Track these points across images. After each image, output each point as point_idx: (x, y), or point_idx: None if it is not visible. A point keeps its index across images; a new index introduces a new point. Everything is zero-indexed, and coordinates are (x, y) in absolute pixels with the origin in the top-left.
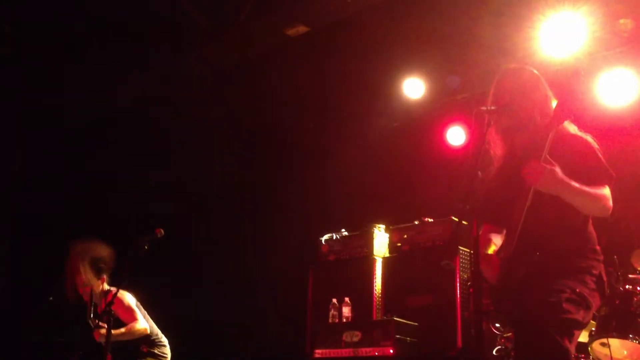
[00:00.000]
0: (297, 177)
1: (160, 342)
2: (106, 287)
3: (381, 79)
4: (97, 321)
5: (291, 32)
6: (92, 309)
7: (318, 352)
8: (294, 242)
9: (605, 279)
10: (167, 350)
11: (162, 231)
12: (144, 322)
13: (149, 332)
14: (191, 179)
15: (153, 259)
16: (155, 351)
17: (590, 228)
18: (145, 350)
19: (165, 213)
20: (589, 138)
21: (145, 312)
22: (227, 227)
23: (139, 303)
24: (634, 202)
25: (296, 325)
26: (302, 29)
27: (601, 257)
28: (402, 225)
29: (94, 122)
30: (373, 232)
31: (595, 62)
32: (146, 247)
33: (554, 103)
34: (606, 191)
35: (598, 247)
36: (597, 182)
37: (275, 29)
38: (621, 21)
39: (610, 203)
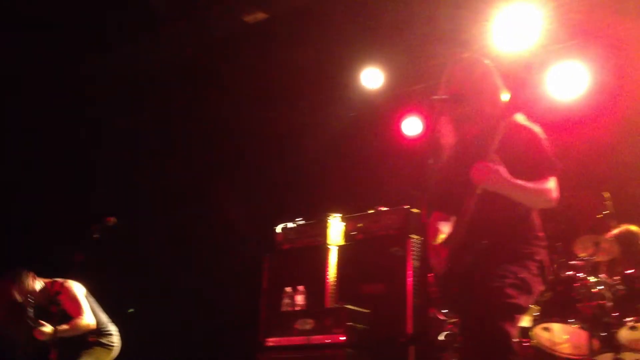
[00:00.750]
0: (253, 166)
1: (108, 331)
2: (41, 282)
3: (340, 69)
4: (37, 320)
5: (249, 18)
6: (31, 309)
7: (270, 341)
8: (250, 230)
9: (547, 265)
10: (116, 340)
11: (114, 219)
12: (89, 317)
13: (94, 326)
14: (144, 167)
15: (105, 248)
16: (103, 341)
17: (535, 215)
18: (92, 340)
19: (115, 203)
20: (536, 129)
21: (94, 302)
22: (181, 217)
23: (88, 293)
24: (579, 192)
25: (250, 314)
26: (260, 15)
27: (544, 244)
28: (357, 214)
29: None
30: (328, 221)
31: (548, 55)
32: (97, 236)
33: (504, 94)
34: (551, 184)
35: (541, 234)
36: (543, 174)
37: (233, 15)
38: None
39: (554, 195)
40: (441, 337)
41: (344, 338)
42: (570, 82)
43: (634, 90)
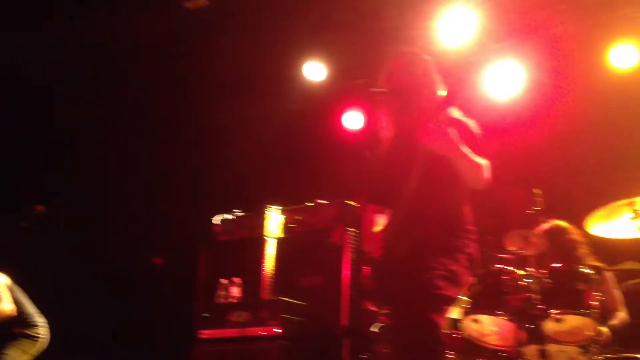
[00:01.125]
0: (192, 156)
1: (34, 323)
2: None
3: (282, 61)
4: None
5: (190, 4)
6: None
7: (204, 333)
8: (187, 222)
9: (476, 258)
10: (42, 332)
11: (42, 208)
12: (8, 305)
13: (12, 313)
14: (78, 155)
15: (34, 237)
16: (29, 332)
17: (466, 209)
18: (17, 331)
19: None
20: (470, 124)
21: (21, 292)
22: (117, 206)
23: (12, 283)
24: (512, 189)
25: (186, 307)
26: (202, 2)
27: (474, 237)
28: (296, 207)
29: None
30: (267, 213)
31: (486, 54)
32: (24, 225)
33: (442, 90)
34: (485, 161)
35: (472, 228)
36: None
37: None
38: None
39: (488, 174)
40: (374, 329)
41: (279, 330)
42: (506, 81)
43: (567, 90)
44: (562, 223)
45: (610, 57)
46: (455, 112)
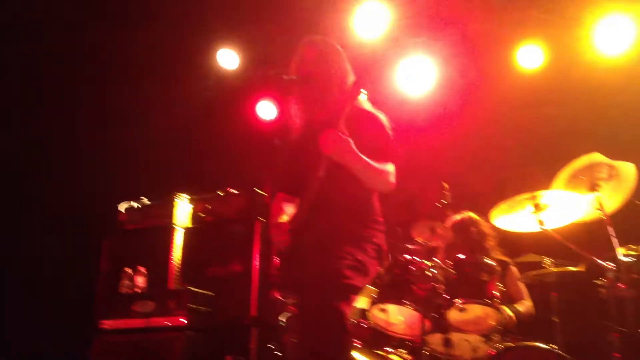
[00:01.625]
0: (99, 142)
1: None
2: None
3: (196, 48)
4: None
5: None
6: None
7: (106, 323)
8: (91, 210)
9: (385, 248)
10: None
11: None
12: None
13: None
14: None
15: None
16: None
17: (375, 200)
18: None
19: None
20: (381, 116)
21: None
22: (17, 192)
23: None
24: (423, 183)
25: (89, 297)
26: None
27: (382, 228)
28: (206, 196)
29: None
30: (176, 202)
31: (399, 49)
32: None
33: (352, 79)
34: (390, 167)
35: (380, 219)
36: (384, 158)
37: None
38: None
39: (393, 179)
40: (282, 319)
41: (185, 320)
42: (418, 77)
43: (476, 88)
44: (474, 215)
45: (517, 56)
46: (366, 104)
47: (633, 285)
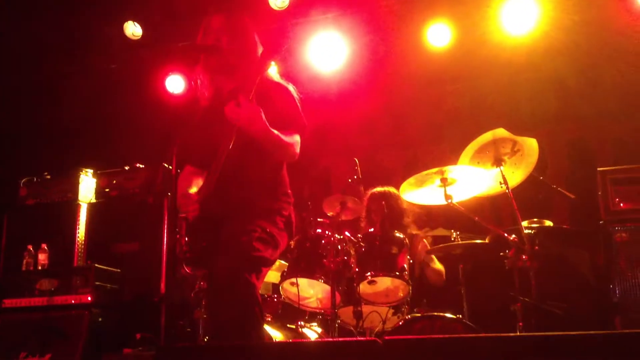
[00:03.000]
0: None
1: None
2: None
3: (102, 20)
4: None
5: None
6: None
7: (7, 302)
8: None
9: (294, 220)
10: None
11: None
12: None
13: None
14: None
15: None
16: None
17: (284, 173)
18: None
19: None
20: (290, 87)
21: None
22: None
23: None
24: (335, 158)
25: None
26: None
27: (291, 200)
28: (111, 170)
29: None
30: (79, 176)
31: (310, 25)
32: None
33: (260, 50)
34: (297, 138)
35: (289, 191)
36: (291, 128)
37: None
38: None
39: (298, 149)
40: (193, 294)
41: (90, 298)
42: (330, 54)
43: (389, 65)
44: (394, 190)
45: (426, 35)
46: (275, 76)
47: (535, 257)
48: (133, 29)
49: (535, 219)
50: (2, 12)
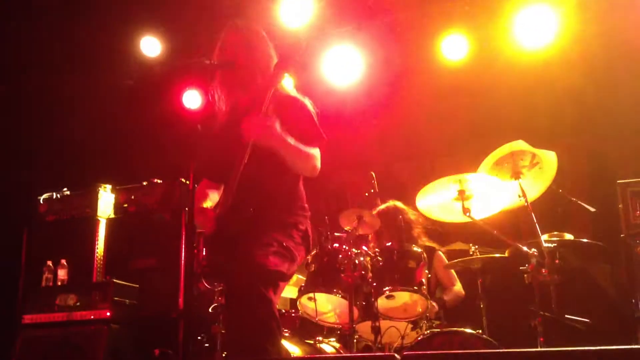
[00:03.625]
0: (19, 130)
1: None
2: None
3: (119, 35)
4: None
5: None
6: None
7: (27, 318)
8: (10, 200)
9: (310, 234)
10: None
11: None
12: None
13: None
14: None
15: None
16: None
17: (300, 186)
18: None
19: None
20: (306, 101)
21: None
22: None
23: None
24: (351, 172)
25: (10, 291)
26: None
27: (308, 214)
28: (130, 186)
29: None
30: (98, 192)
31: (326, 39)
32: None
33: (277, 65)
34: (316, 152)
35: (306, 205)
36: (309, 142)
37: None
38: None
39: (318, 164)
40: (210, 309)
41: (109, 313)
42: (345, 67)
43: (403, 78)
44: (399, 204)
45: (442, 47)
46: (292, 90)
47: (555, 271)
48: (149, 45)
49: (555, 233)
50: (21, 30)
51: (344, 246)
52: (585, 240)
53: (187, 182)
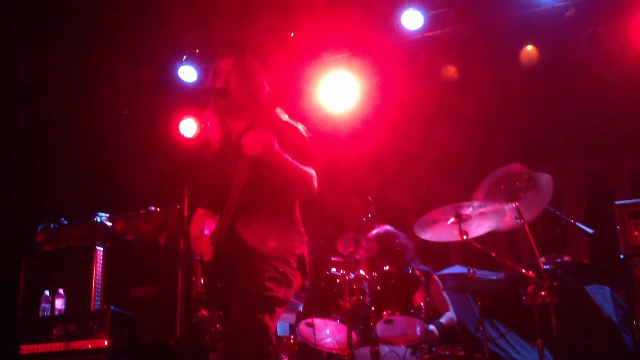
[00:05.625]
0: (13, 161)
1: None
2: None
3: (116, 63)
4: None
5: None
6: None
7: (25, 348)
8: (6, 230)
9: (307, 259)
10: None
11: None
12: None
13: None
14: None
15: None
16: None
17: (297, 212)
18: None
19: None
20: (299, 127)
21: None
22: None
23: None
24: (347, 197)
25: (6, 321)
26: None
27: (305, 239)
28: (127, 214)
29: None
30: (95, 221)
31: (321, 65)
32: None
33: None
34: (312, 171)
35: (302, 230)
36: (305, 163)
37: None
38: None
39: (315, 184)
40: (207, 337)
41: (107, 342)
42: (340, 94)
43: (397, 104)
44: (390, 228)
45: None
46: (284, 115)
47: (554, 293)
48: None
49: (553, 254)
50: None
51: (341, 271)
52: (584, 261)
53: (182, 209)
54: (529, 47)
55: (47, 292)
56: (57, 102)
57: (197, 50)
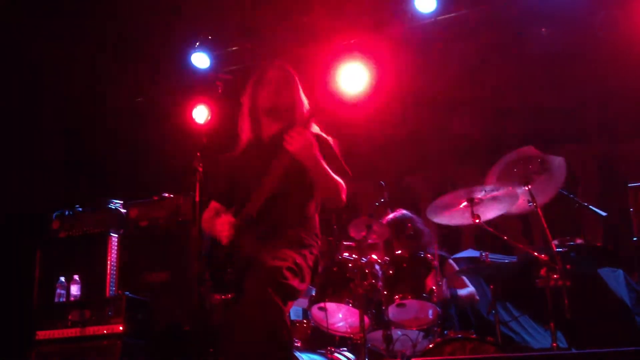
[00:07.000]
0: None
1: None
2: None
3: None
4: None
5: None
6: None
7: (41, 334)
8: (22, 218)
9: (319, 260)
10: None
11: None
12: None
13: None
14: None
15: None
16: None
17: (317, 216)
18: None
19: None
20: (330, 140)
21: None
22: None
23: None
24: (361, 183)
25: (23, 307)
26: None
27: (320, 242)
28: (141, 201)
29: None
30: (109, 208)
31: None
32: None
33: (306, 105)
34: (343, 184)
35: (319, 232)
36: (337, 175)
37: None
38: None
39: (344, 196)
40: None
41: (122, 328)
42: (356, 79)
43: (410, 89)
44: (407, 213)
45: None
46: (315, 128)
47: (567, 276)
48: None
49: (567, 237)
50: (31, 49)
51: (354, 255)
52: (597, 244)
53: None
54: None
55: (62, 279)
56: (71, 90)
57: (210, 37)
